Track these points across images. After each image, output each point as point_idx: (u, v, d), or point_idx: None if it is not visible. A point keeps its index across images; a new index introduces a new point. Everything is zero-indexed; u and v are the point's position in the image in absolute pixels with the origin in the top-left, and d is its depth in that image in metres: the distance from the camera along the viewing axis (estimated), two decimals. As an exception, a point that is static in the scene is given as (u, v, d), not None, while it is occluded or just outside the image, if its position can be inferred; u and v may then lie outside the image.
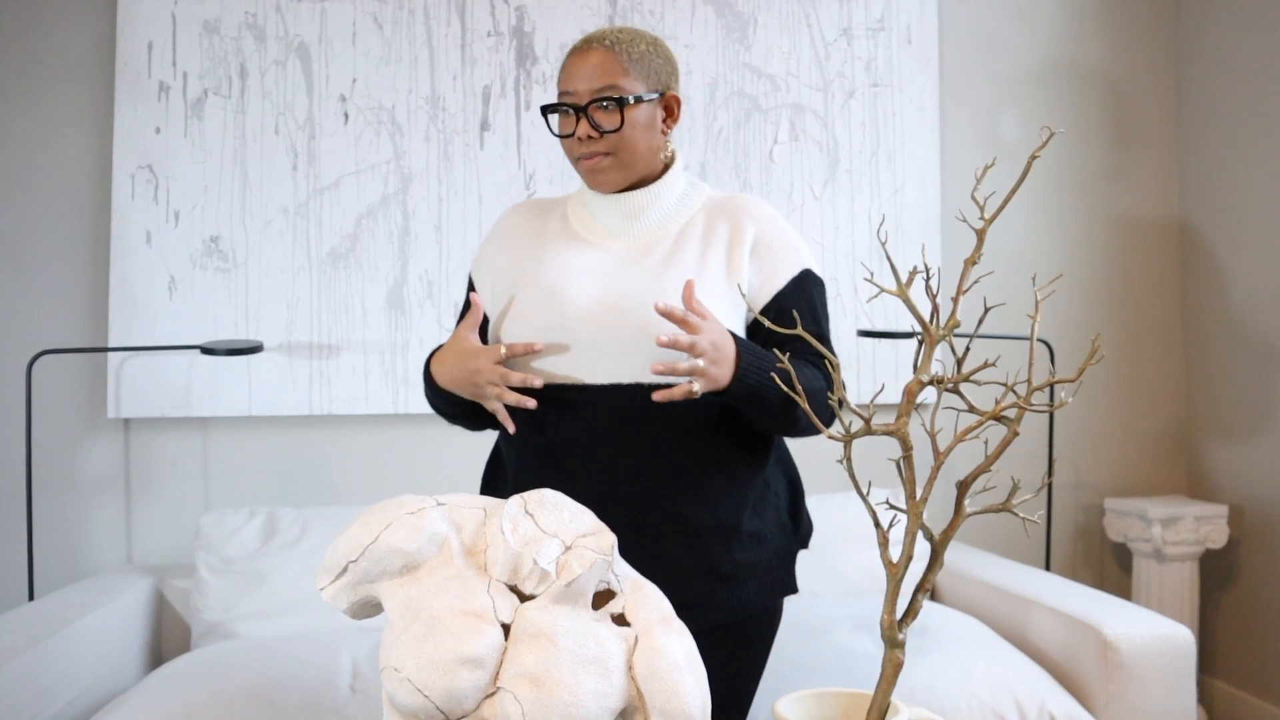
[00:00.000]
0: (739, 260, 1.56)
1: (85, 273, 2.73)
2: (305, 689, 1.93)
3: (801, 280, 1.59)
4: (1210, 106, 3.06)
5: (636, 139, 1.55)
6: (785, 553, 1.66)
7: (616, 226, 1.60)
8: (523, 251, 1.64)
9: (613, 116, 1.53)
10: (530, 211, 1.72)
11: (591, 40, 1.55)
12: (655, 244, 1.58)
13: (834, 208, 2.99)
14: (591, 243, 1.61)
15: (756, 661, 1.65)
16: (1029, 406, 0.98)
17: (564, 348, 1.52)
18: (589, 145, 1.54)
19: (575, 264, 1.57)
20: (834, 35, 3.00)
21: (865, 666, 2.00)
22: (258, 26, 2.77)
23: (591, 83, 1.52)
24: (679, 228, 1.60)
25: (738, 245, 1.57)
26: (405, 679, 0.86)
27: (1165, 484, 3.17)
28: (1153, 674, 1.99)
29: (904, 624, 1.03)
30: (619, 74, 1.53)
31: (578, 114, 1.53)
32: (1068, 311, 3.06)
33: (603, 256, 1.58)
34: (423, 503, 0.98)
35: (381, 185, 2.81)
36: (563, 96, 1.55)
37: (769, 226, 1.60)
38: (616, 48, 1.54)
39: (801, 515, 1.70)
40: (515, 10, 2.87)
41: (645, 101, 1.55)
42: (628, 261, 1.57)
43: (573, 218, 1.66)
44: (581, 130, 1.53)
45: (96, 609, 2.19)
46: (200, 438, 2.76)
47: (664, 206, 1.61)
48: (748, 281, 1.56)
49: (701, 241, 1.58)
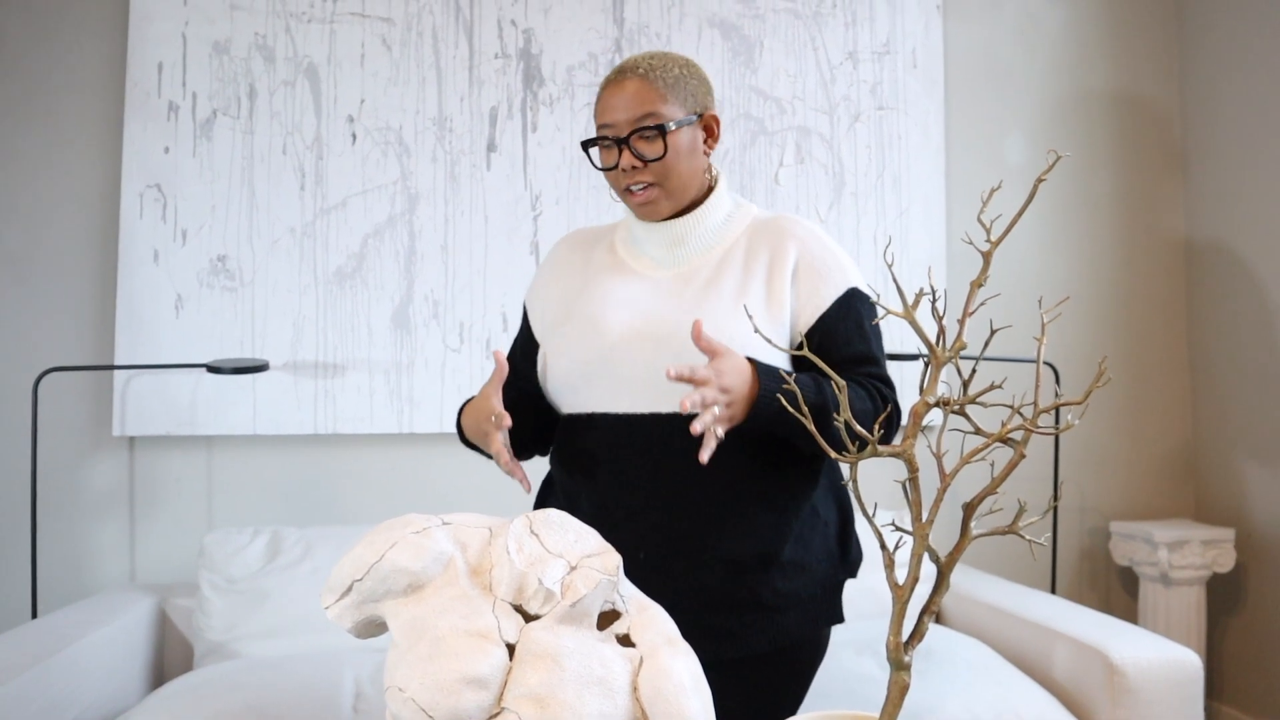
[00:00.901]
0: (781, 283, 1.54)
1: (92, 291, 2.74)
2: (308, 709, 1.92)
3: (848, 300, 1.55)
4: (1215, 130, 3.07)
5: (680, 164, 1.53)
6: (831, 582, 1.59)
7: (662, 255, 1.59)
8: (570, 282, 1.65)
9: (655, 145, 1.51)
10: (579, 242, 1.72)
11: (625, 70, 1.54)
12: (698, 270, 1.57)
13: (839, 230, 2.99)
14: (638, 272, 1.60)
15: (797, 691, 1.61)
16: (1035, 429, 0.98)
17: (604, 378, 1.52)
18: (634, 176, 1.52)
19: (617, 294, 1.57)
20: (840, 59, 3.02)
21: (869, 690, 1.99)
22: (267, 48, 2.79)
23: (630, 112, 1.50)
24: (722, 253, 1.58)
25: (779, 268, 1.54)
26: (410, 699, 0.86)
27: (1171, 507, 3.16)
28: (1160, 699, 1.97)
29: (910, 646, 1.02)
30: (656, 101, 1.51)
31: (619, 145, 1.52)
32: (1073, 334, 3.06)
33: (646, 285, 1.57)
34: (428, 522, 0.97)
35: (388, 205, 2.82)
36: (601, 129, 1.53)
37: (812, 246, 1.57)
38: (651, 75, 1.52)
39: (851, 544, 1.63)
40: (523, 33, 2.89)
41: (685, 125, 1.53)
42: (669, 290, 1.55)
43: (620, 247, 1.66)
44: (625, 161, 1.51)
45: (100, 627, 2.18)
46: (205, 456, 2.77)
47: (708, 231, 1.59)
48: (790, 304, 1.53)
49: (743, 267, 1.55)
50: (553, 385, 1.60)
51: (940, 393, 1.02)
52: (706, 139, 1.58)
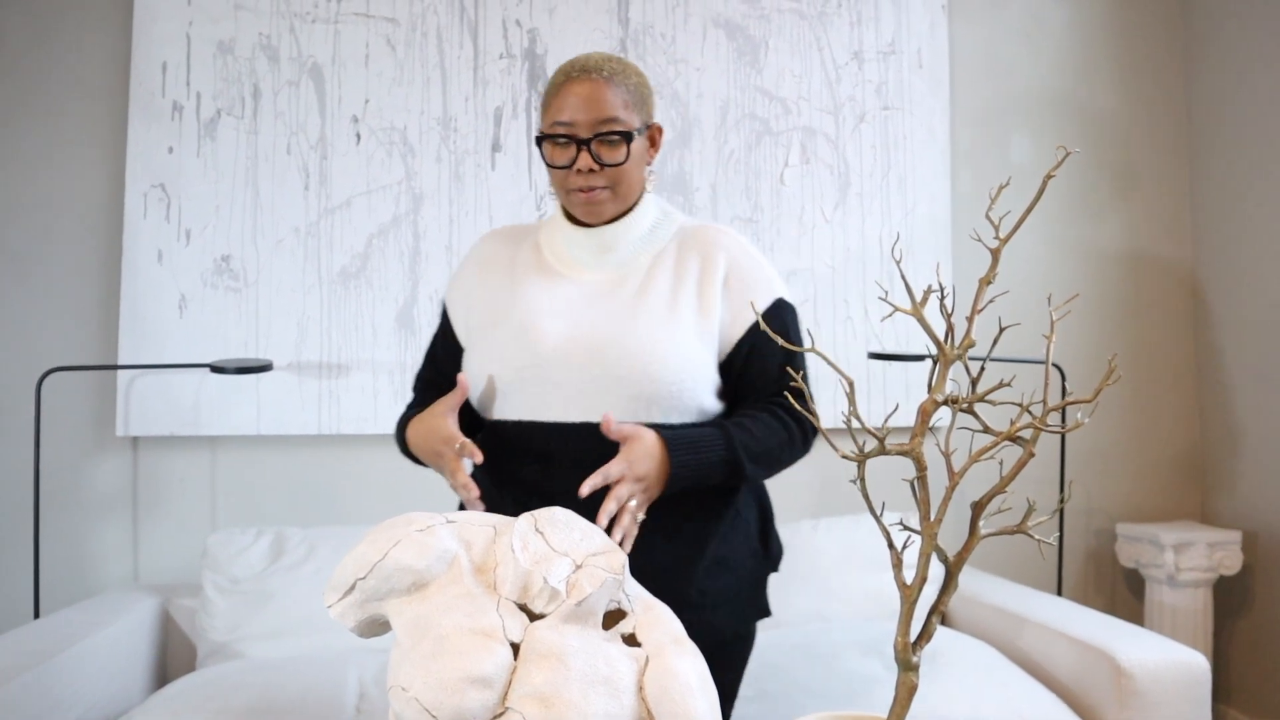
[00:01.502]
0: (711, 293, 1.56)
1: (96, 290, 2.74)
2: (311, 709, 1.91)
3: (774, 311, 1.58)
4: (1223, 130, 3.06)
5: (633, 172, 1.55)
6: (755, 578, 1.64)
7: (590, 259, 1.59)
8: (496, 283, 1.63)
9: (618, 150, 1.52)
10: (503, 240, 1.70)
11: (588, 70, 1.52)
12: (627, 277, 1.57)
13: (845, 230, 2.98)
14: (564, 275, 1.60)
15: (729, 687, 1.64)
16: (1044, 427, 0.97)
17: (536, 385, 1.51)
18: (589, 178, 1.52)
19: (547, 299, 1.56)
20: (845, 59, 3.01)
21: (876, 691, 1.98)
22: (271, 48, 2.79)
23: (594, 114, 1.50)
24: (650, 259, 1.59)
25: (709, 278, 1.56)
26: (413, 698, 0.85)
27: (1178, 509, 3.15)
28: (1167, 701, 1.96)
29: (918, 647, 1.01)
30: (619, 107, 1.51)
31: (579, 146, 1.51)
32: (1079, 336, 3.05)
33: (575, 291, 1.57)
34: (432, 520, 0.97)
35: (393, 205, 2.82)
36: (557, 126, 1.52)
37: (740, 258, 1.60)
38: (614, 80, 1.52)
39: (771, 539, 1.68)
40: (528, 33, 2.89)
41: (640, 134, 1.55)
42: (600, 297, 1.55)
43: (545, 248, 1.64)
44: (583, 163, 1.51)
45: (103, 627, 2.18)
46: (208, 457, 2.76)
47: (636, 237, 1.60)
48: (719, 314, 1.56)
49: (674, 275, 1.57)
50: (483, 391, 1.58)
51: (948, 391, 1.01)
52: (650, 148, 1.61)
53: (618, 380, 1.48)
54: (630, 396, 1.47)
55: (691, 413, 1.53)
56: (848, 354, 2.94)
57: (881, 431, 1.01)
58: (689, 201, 2.92)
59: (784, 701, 1.97)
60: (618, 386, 1.48)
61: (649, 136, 1.59)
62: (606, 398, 1.47)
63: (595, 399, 1.48)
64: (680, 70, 2.94)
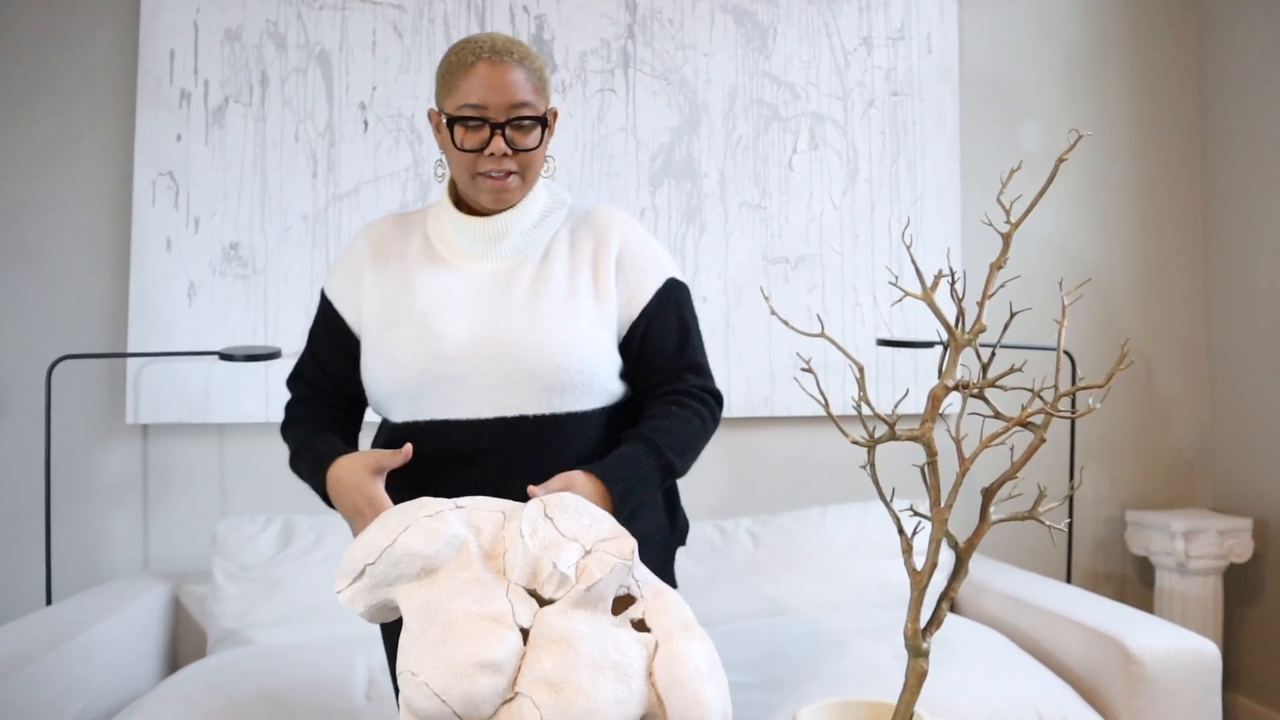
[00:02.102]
0: (606, 276, 1.56)
1: (105, 278, 2.74)
2: (320, 696, 1.92)
3: (666, 290, 1.59)
4: (1235, 114, 3.03)
5: (539, 159, 1.55)
6: (666, 553, 1.66)
7: (481, 249, 1.57)
8: (388, 276, 1.59)
9: (531, 135, 1.51)
10: (390, 230, 1.66)
11: (499, 52, 1.50)
12: (520, 265, 1.56)
13: (853, 217, 2.97)
14: (456, 265, 1.57)
15: None
16: (1055, 413, 0.97)
17: (444, 385, 1.50)
18: (500, 163, 1.50)
19: (444, 293, 1.54)
20: (854, 44, 2.99)
21: (884, 679, 1.98)
22: (279, 35, 2.79)
23: (507, 97, 1.48)
24: (543, 247, 1.58)
25: (603, 261, 1.57)
26: (423, 684, 0.85)
27: (1188, 497, 3.14)
28: (1178, 688, 1.96)
29: (928, 633, 1.01)
30: (531, 91, 1.50)
31: (492, 130, 1.49)
32: (1089, 323, 3.03)
33: (471, 283, 1.55)
34: (441, 506, 0.97)
35: (400, 192, 2.82)
36: (466, 109, 1.49)
37: (631, 240, 1.60)
38: (526, 63, 1.51)
39: (677, 514, 1.70)
40: (535, 19, 2.87)
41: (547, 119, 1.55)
42: (497, 289, 1.54)
43: (434, 238, 1.61)
44: (496, 147, 1.48)
45: (113, 614, 2.19)
46: (217, 444, 2.77)
47: (528, 225, 1.58)
48: (615, 296, 1.56)
49: (568, 261, 1.57)
50: (385, 393, 1.55)
51: (959, 376, 1.01)
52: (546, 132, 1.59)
53: (528, 373, 1.48)
54: (542, 388, 1.48)
55: (600, 396, 1.55)
56: (856, 340, 2.93)
57: (891, 417, 1.00)
58: (697, 188, 2.91)
59: (792, 689, 1.97)
60: (529, 379, 1.48)
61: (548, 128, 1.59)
62: (519, 390, 1.48)
63: (507, 393, 1.49)
64: (688, 56, 2.93)
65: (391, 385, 1.53)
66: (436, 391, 1.50)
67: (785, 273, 2.94)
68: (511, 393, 1.48)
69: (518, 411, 1.49)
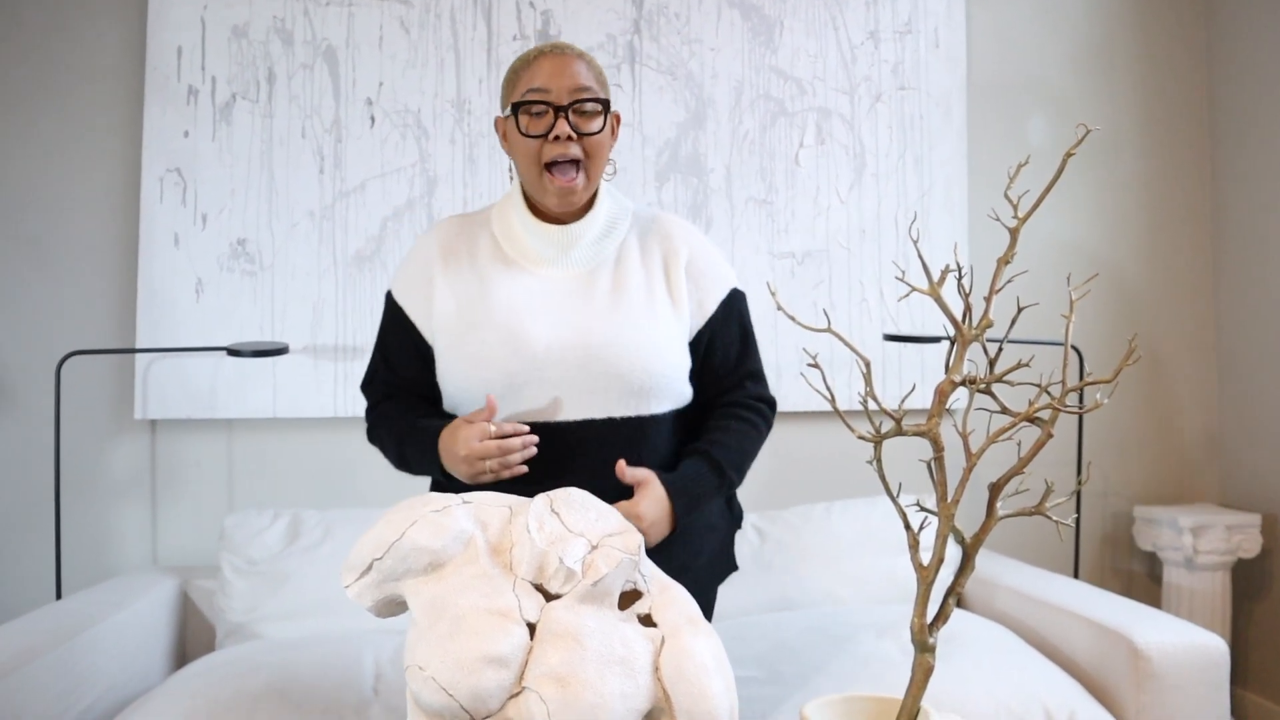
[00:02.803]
0: (678, 283, 1.62)
1: (113, 274, 2.75)
2: (328, 690, 1.93)
3: (731, 300, 1.66)
4: (1245, 109, 3.02)
5: (604, 149, 1.57)
6: (728, 538, 1.75)
7: (554, 255, 1.60)
8: (458, 278, 1.61)
9: (594, 120, 1.53)
10: (456, 231, 1.67)
11: (560, 48, 1.55)
12: (595, 272, 1.60)
13: (860, 211, 2.97)
14: (529, 270, 1.60)
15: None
16: (1063, 408, 0.97)
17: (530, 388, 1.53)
18: (566, 146, 1.51)
19: (525, 299, 1.57)
20: (861, 38, 2.99)
21: (891, 674, 1.98)
22: (285, 31, 2.79)
23: (571, 82, 1.51)
24: (614, 252, 1.62)
25: (674, 268, 1.62)
26: (430, 678, 0.85)
27: (1196, 492, 3.13)
28: (1185, 684, 1.95)
29: (934, 628, 1.01)
30: (593, 80, 1.55)
31: (556, 113, 1.50)
32: (1096, 317, 3.03)
33: (546, 288, 1.58)
34: (448, 500, 0.97)
35: (407, 188, 2.82)
36: (534, 94, 1.51)
37: (698, 249, 1.66)
38: (586, 58, 1.55)
39: (734, 502, 1.80)
40: (541, 14, 2.87)
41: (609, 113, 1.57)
42: (576, 295, 1.58)
43: (503, 240, 1.63)
44: (560, 129, 1.50)
45: (122, 609, 2.19)
46: (225, 439, 2.78)
47: (597, 233, 1.62)
48: (686, 304, 1.62)
49: (643, 270, 1.61)
50: (468, 395, 1.57)
51: (965, 371, 1.01)
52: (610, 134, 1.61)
53: (617, 377, 1.52)
54: (629, 391, 1.53)
55: (675, 399, 1.61)
56: (862, 336, 2.93)
57: (899, 413, 1.00)
58: (703, 183, 2.90)
59: (798, 683, 1.97)
60: (617, 383, 1.53)
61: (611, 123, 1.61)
62: (607, 394, 1.53)
63: (596, 396, 1.53)
64: (694, 50, 2.92)
65: (478, 386, 1.54)
66: (521, 394, 1.53)
67: (792, 268, 2.94)
68: (600, 396, 1.53)
69: (605, 414, 1.54)
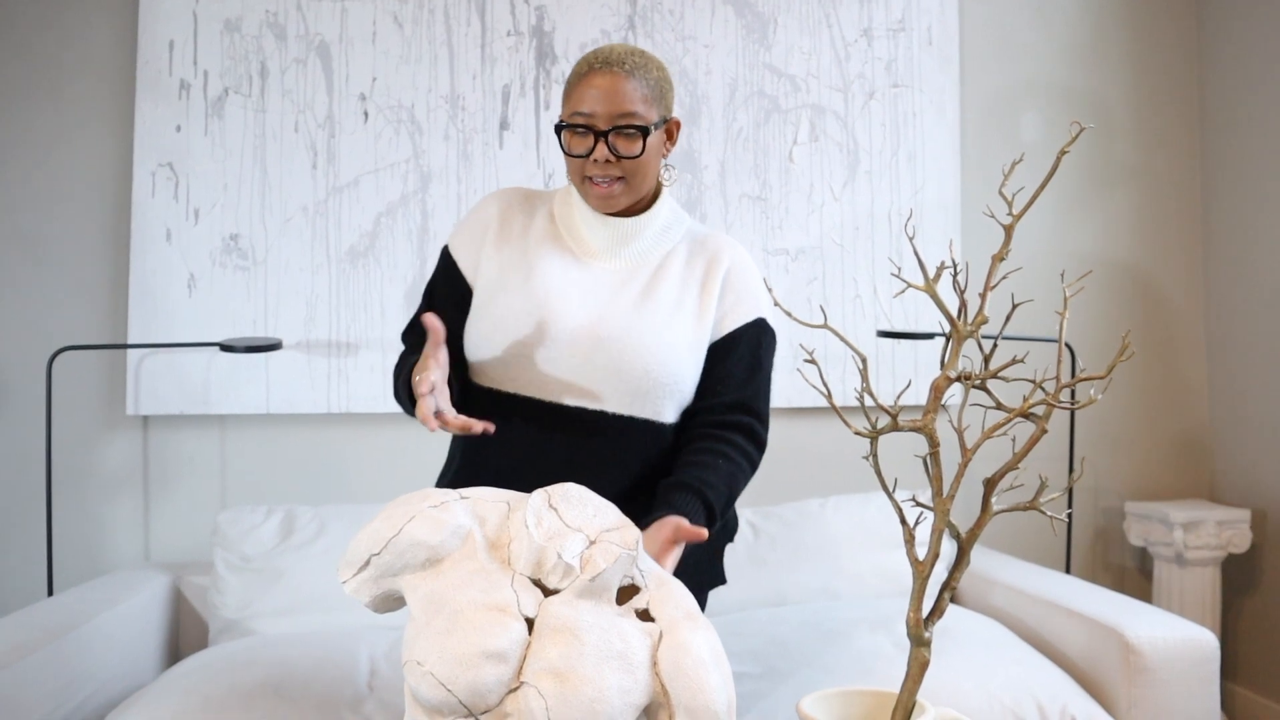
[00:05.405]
0: (710, 299, 1.63)
1: (105, 270, 2.74)
2: (322, 686, 1.92)
3: (754, 326, 1.65)
4: (1236, 105, 3.03)
5: (649, 165, 1.59)
6: (715, 547, 1.72)
7: (606, 247, 1.63)
8: (507, 244, 1.65)
9: (634, 144, 1.55)
10: (520, 201, 1.71)
11: (610, 62, 1.55)
12: (637, 270, 1.63)
13: (854, 208, 2.97)
14: (577, 257, 1.64)
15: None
16: (1057, 404, 0.97)
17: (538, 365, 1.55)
18: (605, 169, 1.55)
19: (562, 281, 1.60)
20: (854, 36, 2.99)
21: (886, 669, 1.99)
22: (278, 25, 2.78)
23: (613, 106, 1.53)
24: (661, 257, 1.65)
25: (711, 285, 1.63)
26: (428, 673, 0.86)
27: (1187, 487, 3.15)
28: (1176, 678, 1.97)
29: (930, 622, 1.02)
30: (639, 101, 1.55)
31: (596, 137, 1.54)
32: (1088, 314, 3.04)
33: (589, 277, 1.61)
34: (446, 496, 0.97)
35: (401, 184, 2.81)
36: (576, 117, 1.55)
37: (740, 266, 1.67)
38: (635, 74, 1.55)
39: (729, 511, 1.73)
40: (535, 10, 2.87)
41: (658, 128, 1.58)
42: (609, 287, 1.60)
43: (560, 223, 1.67)
44: (599, 154, 1.54)
45: (115, 605, 2.19)
46: (218, 435, 2.77)
47: (653, 233, 1.65)
48: (712, 315, 1.63)
49: (680, 279, 1.63)
50: (485, 354, 1.60)
51: (960, 368, 1.01)
52: (666, 141, 1.64)
53: (617, 373, 1.54)
54: (626, 390, 1.55)
55: (675, 412, 1.62)
56: (856, 332, 2.94)
57: (894, 408, 1.01)
58: (697, 180, 2.91)
59: (793, 678, 1.98)
60: (616, 379, 1.55)
61: (666, 130, 1.62)
62: (604, 387, 1.55)
63: (594, 387, 1.55)
64: (688, 47, 2.92)
65: (492, 349, 1.57)
66: (528, 368, 1.56)
67: (786, 264, 2.94)
68: (599, 387, 1.55)
69: (598, 407, 1.55)
